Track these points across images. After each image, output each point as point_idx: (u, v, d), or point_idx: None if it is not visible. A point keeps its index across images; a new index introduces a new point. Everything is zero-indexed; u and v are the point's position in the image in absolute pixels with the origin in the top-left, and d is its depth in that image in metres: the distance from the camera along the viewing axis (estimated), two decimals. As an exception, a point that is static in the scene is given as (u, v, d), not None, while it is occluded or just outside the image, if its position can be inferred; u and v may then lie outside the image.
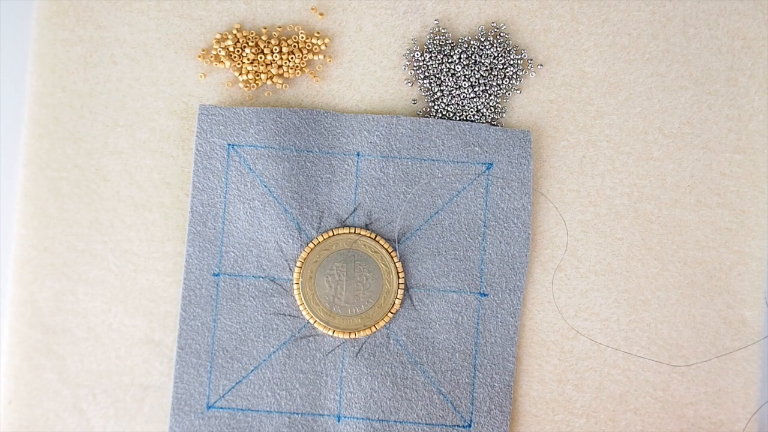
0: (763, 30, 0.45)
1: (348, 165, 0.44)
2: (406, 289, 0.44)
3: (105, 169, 0.45)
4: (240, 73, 0.44)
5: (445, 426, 0.43)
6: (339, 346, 0.43)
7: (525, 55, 0.45)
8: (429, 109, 0.45)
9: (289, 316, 0.44)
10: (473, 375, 0.43)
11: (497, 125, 0.45)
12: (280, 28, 0.45)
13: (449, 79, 0.44)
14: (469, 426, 0.43)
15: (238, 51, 0.44)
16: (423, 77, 0.45)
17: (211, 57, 0.45)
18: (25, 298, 0.44)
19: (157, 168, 0.45)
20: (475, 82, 0.44)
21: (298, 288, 0.43)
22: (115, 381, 0.44)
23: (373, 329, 0.43)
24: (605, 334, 0.44)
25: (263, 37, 0.45)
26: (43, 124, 0.45)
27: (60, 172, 0.44)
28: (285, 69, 0.44)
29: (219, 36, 0.45)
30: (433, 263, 0.44)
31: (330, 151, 0.44)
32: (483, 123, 0.45)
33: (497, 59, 0.45)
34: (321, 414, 0.43)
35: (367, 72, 0.45)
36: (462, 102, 0.45)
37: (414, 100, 0.45)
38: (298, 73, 0.45)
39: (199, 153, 0.44)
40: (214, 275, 0.44)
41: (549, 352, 0.44)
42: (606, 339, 0.44)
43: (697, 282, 0.45)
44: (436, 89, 0.45)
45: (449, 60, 0.44)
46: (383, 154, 0.44)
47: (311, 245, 0.43)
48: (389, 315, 0.43)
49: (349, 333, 0.43)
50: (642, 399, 0.44)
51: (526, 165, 0.44)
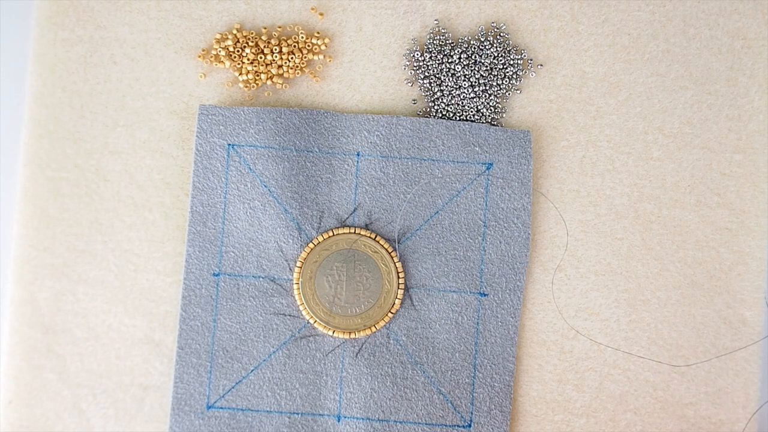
0: (763, 30, 0.45)
1: (348, 165, 0.44)
2: (406, 289, 0.44)
3: (105, 169, 0.45)
4: (240, 73, 0.44)
5: (445, 426, 0.43)
6: (339, 346, 0.43)
7: (525, 55, 0.45)
8: (429, 109, 0.45)
9: (289, 316, 0.43)
10: (473, 375, 0.43)
11: (497, 125, 0.45)
12: (280, 28, 0.45)
13: (449, 79, 0.44)
14: (469, 426, 0.43)
15: (238, 51, 0.44)
16: (423, 77, 0.45)
17: (211, 57, 0.45)
18: (25, 298, 0.44)
19: (157, 168, 0.45)
20: (475, 82, 0.44)
21: (298, 288, 0.43)
22: (115, 381, 0.44)
23: (373, 329, 0.43)
24: (605, 334, 0.44)
25: (263, 37, 0.45)
26: (43, 124, 0.45)
27: (60, 172, 0.44)
28: (285, 69, 0.44)
29: (219, 36, 0.45)
30: (433, 263, 0.44)
31: (330, 151, 0.44)
32: (483, 123, 0.44)
33: (497, 59, 0.45)
34: (321, 414, 0.43)
35: (367, 72, 0.45)
36: (462, 102, 0.45)
37: (414, 100, 0.45)
38: (298, 73, 0.45)
39: (199, 153, 0.44)
40: (214, 275, 0.44)
41: (549, 352, 0.44)
42: (606, 339, 0.44)
43: (697, 282, 0.45)
44: (436, 89, 0.45)
45: (449, 60, 0.44)
46: (383, 154, 0.44)
47: (311, 245, 0.43)
48: (389, 315, 0.43)
49: (349, 333, 0.43)
50: (642, 399, 0.44)
51: (526, 165, 0.44)
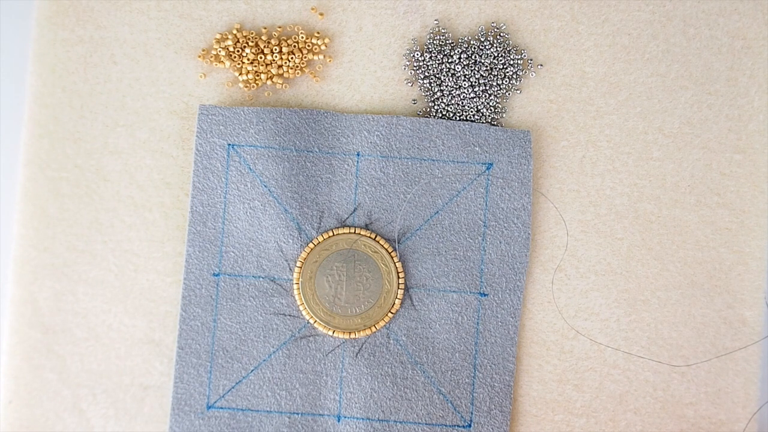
0: (763, 30, 0.45)
1: (348, 165, 0.44)
2: (406, 289, 0.44)
3: (105, 169, 0.45)
4: (240, 73, 0.44)
5: (445, 426, 0.43)
6: (339, 346, 0.43)
7: (525, 55, 0.45)
8: (429, 109, 0.45)
9: (289, 316, 0.43)
10: (473, 375, 0.43)
11: (497, 125, 0.45)
12: (280, 28, 0.45)
13: (449, 79, 0.44)
14: (469, 426, 0.43)
15: (238, 51, 0.44)
16: (423, 77, 0.45)
17: (211, 57, 0.45)
18: (25, 298, 0.44)
19: (157, 168, 0.45)
20: (475, 82, 0.44)
21: (298, 288, 0.43)
22: (115, 381, 0.44)
23: (373, 329, 0.43)
24: (605, 334, 0.44)
25: (263, 37, 0.45)
26: (43, 124, 0.45)
27: (60, 172, 0.44)
28: (285, 69, 0.44)
29: (219, 36, 0.45)
30: (433, 263, 0.44)
31: (330, 151, 0.44)
32: (483, 123, 0.44)
33: (497, 59, 0.45)
34: (321, 414, 0.43)
35: (367, 72, 0.45)
36: (462, 102, 0.45)
37: (414, 100, 0.45)
38: (298, 73, 0.45)
39: (199, 153, 0.44)
40: (214, 275, 0.44)
41: (549, 352, 0.44)
42: (606, 339, 0.44)
43: (697, 282, 0.45)
44: (436, 89, 0.45)
45: (449, 60, 0.44)
46: (383, 154, 0.44)
47: (311, 245, 0.43)
48: (389, 315, 0.43)
49: (349, 333, 0.43)
50: (642, 399, 0.44)
51: (526, 165, 0.44)
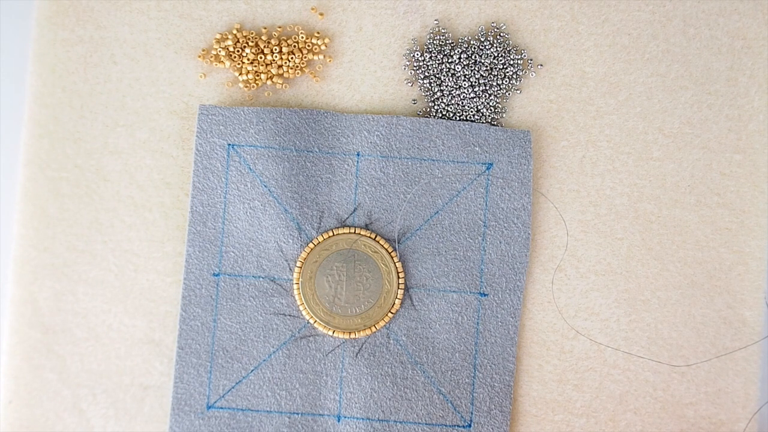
0: (763, 30, 0.45)
1: (348, 165, 0.44)
2: (406, 289, 0.44)
3: (105, 169, 0.45)
4: (240, 73, 0.44)
5: (445, 426, 0.43)
6: (339, 346, 0.43)
7: (525, 55, 0.45)
8: (429, 109, 0.45)
9: (289, 316, 0.43)
10: (473, 375, 0.43)
11: (497, 125, 0.45)
12: (280, 28, 0.45)
13: (449, 79, 0.44)
14: (469, 426, 0.43)
15: (238, 51, 0.44)
16: (423, 77, 0.45)
17: (211, 57, 0.45)
18: (25, 298, 0.44)
19: (157, 168, 0.45)
20: (475, 82, 0.44)
21: (298, 288, 0.43)
22: (115, 381, 0.44)
23: (373, 329, 0.43)
24: (605, 334, 0.44)
25: (263, 37, 0.45)
26: (43, 124, 0.45)
27: (60, 172, 0.44)
28: (285, 69, 0.44)
29: (219, 36, 0.45)
30: (433, 263, 0.44)
31: (330, 151, 0.44)
32: (483, 123, 0.44)
33: (497, 59, 0.45)
34: (321, 414, 0.43)
35: (367, 72, 0.45)
36: (462, 102, 0.45)
37: (414, 100, 0.45)
38: (298, 73, 0.45)
39: (199, 153, 0.44)
40: (214, 275, 0.44)
41: (549, 352, 0.44)
42: (606, 339, 0.44)
43: (697, 282, 0.45)
44: (436, 89, 0.45)
45: (449, 60, 0.44)
46: (383, 154, 0.44)
47: (311, 245, 0.43)
48: (389, 315, 0.43)
49: (349, 333, 0.43)
50: (642, 399, 0.44)
51: (526, 165, 0.44)
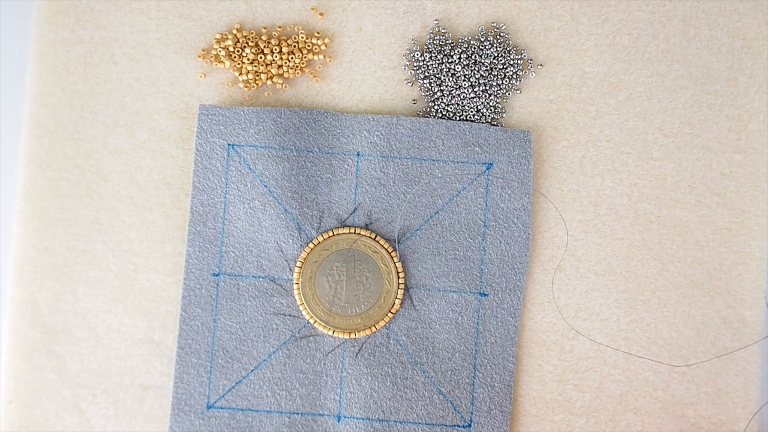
0: (763, 30, 0.45)
1: (348, 165, 0.44)
2: (406, 289, 0.44)
3: (105, 169, 0.45)
4: (240, 73, 0.44)
5: (445, 426, 0.43)
6: (339, 346, 0.43)
7: (525, 55, 0.45)
8: (429, 109, 0.45)
9: (289, 316, 0.43)
10: (473, 375, 0.43)
11: (497, 125, 0.45)
12: (280, 28, 0.45)
13: (449, 79, 0.44)
14: (469, 426, 0.43)
15: (238, 51, 0.44)
16: (423, 77, 0.45)
17: (211, 57, 0.45)
18: (25, 298, 0.44)
19: (157, 168, 0.45)
20: (475, 82, 0.44)
21: (298, 288, 0.43)
22: (115, 381, 0.44)
23: (373, 329, 0.43)
24: (605, 334, 0.44)
25: (263, 37, 0.45)
26: (43, 124, 0.45)
27: (60, 172, 0.44)
28: (285, 69, 0.44)
29: (219, 36, 0.45)
30: (433, 263, 0.44)
31: (330, 151, 0.44)
32: (483, 123, 0.44)
33: (497, 59, 0.45)
34: (321, 414, 0.43)
35: (367, 72, 0.45)
36: (462, 102, 0.45)
37: (414, 100, 0.45)
38: (298, 73, 0.45)
39: (199, 153, 0.44)
40: (214, 275, 0.44)
41: (549, 352, 0.44)
42: (606, 339, 0.44)
43: (697, 282, 0.45)
44: (436, 89, 0.45)
45: (449, 60, 0.44)
46: (383, 154, 0.44)
47: (311, 245, 0.43)
48: (389, 315, 0.43)
49: (349, 333, 0.43)
50: (642, 399, 0.44)
51: (526, 165, 0.44)
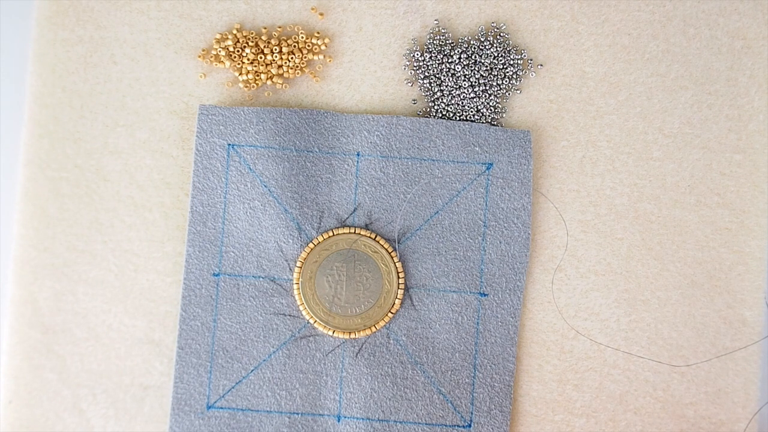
0: (763, 30, 0.45)
1: (348, 165, 0.44)
2: (406, 289, 0.44)
3: (105, 169, 0.45)
4: (240, 73, 0.44)
5: (445, 426, 0.43)
6: (339, 346, 0.43)
7: (525, 55, 0.45)
8: (429, 109, 0.45)
9: (289, 316, 0.43)
10: (473, 375, 0.43)
11: (497, 125, 0.45)
12: (280, 28, 0.45)
13: (449, 79, 0.44)
14: (469, 426, 0.43)
15: (238, 51, 0.44)
16: (423, 77, 0.45)
17: (211, 57, 0.45)
18: (25, 298, 0.44)
19: (157, 168, 0.45)
20: (475, 82, 0.44)
21: (298, 288, 0.43)
22: (115, 381, 0.44)
23: (373, 329, 0.43)
24: (605, 334, 0.44)
25: (263, 37, 0.45)
26: (43, 124, 0.45)
27: (60, 172, 0.44)
28: (285, 69, 0.44)
29: (219, 36, 0.45)
30: (433, 263, 0.44)
31: (330, 151, 0.44)
32: (483, 123, 0.44)
33: (497, 59, 0.45)
34: (321, 414, 0.43)
35: (367, 72, 0.45)
36: (462, 102, 0.45)
37: (414, 100, 0.45)
38: (298, 73, 0.45)
39: (199, 153, 0.44)
40: (214, 275, 0.44)
41: (549, 352, 0.44)
42: (606, 339, 0.44)
43: (697, 282, 0.45)
44: (436, 89, 0.45)
45: (449, 60, 0.44)
46: (383, 154, 0.44)
47: (311, 245, 0.43)
48: (389, 315, 0.43)
49: (349, 333, 0.43)
50: (642, 399, 0.44)
51: (526, 165, 0.44)
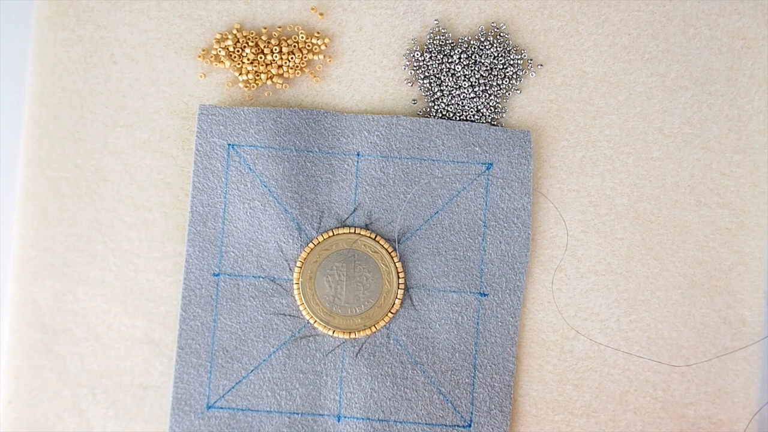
0: (763, 30, 0.45)
1: (348, 165, 0.44)
2: (406, 289, 0.44)
3: (105, 169, 0.45)
4: (240, 73, 0.44)
5: (445, 426, 0.43)
6: (339, 346, 0.43)
7: (525, 55, 0.45)
8: (429, 109, 0.45)
9: (289, 316, 0.43)
10: (473, 375, 0.43)
11: (497, 125, 0.45)
12: (280, 28, 0.45)
13: (449, 79, 0.44)
14: (469, 426, 0.43)
15: (238, 51, 0.44)
16: (423, 77, 0.45)
17: (211, 57, 0.45)
18: (25, 298, 0.44)
19: (157, 168, 0.45)
20: (475, 82, 0.44)
21: (298, 288, 0.43)
22: (115, 381, 0.44)
23: (373, 329, 0.43)
24: (605, 334, 0.44)
25: (263, 37, 0.45)
26: (43, 124, 0.45)
27: (60, 172, 0.44)
28: (285, 69, 0.44)
29: (219, 36, 0.45)
30: (433, 263, 0.44)
31: (330, 151, 0.44)
32: (483, 123, 0.44)
33: (497, 59, 0.45)
34: (321, 414, 0.43)
35: (367, 72, 0.45)
36: (462, 102, 0.45)
37: (414, 100, 0.45)
38: (298, 73, 0.45)
39: (199, 153, 0.44)
40: (214, 275, 0.44)
41: (549, 352, 0.44)
42: (606, 339, 0.44)
43: (697, 282, 0.45)
44: (436, 89, 0.45)
45: (449, 60, 0.44)
46: (383, 154, 0.44)
47: (311, 245, 0.43)
48: (389, 315, 0.43)
49: (349, 333, 0.43)
50: (642, 399, 0.44)
51: (526, 165, 0.44)
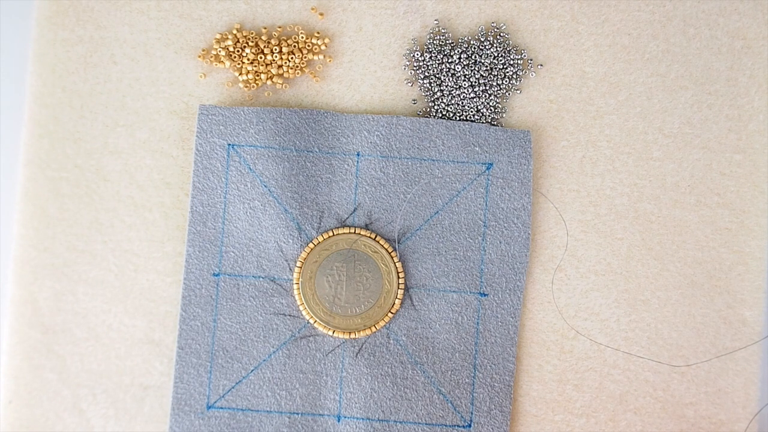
0: (763, 30, 0.45)
1: (348, 165, 0.44)
2: (406, 289, 0.44)
3: (105, 169, 0.45)
4: (240, 73, 0.44)
5: (445, 426, 0.43)
6: (339, 346, 0.43)
7: (525, 55, 0.45)
8: (429, 109, 0.45)
9: (289, 316, 0.43)
10: (473, 375, 0.43)
11: (497, 125, 0.45)
12: (280, 28, 0.45)
13: (449, 79, 0.44)
14: (469, 426, 0.43)
15: (238, 51, 0.44)
16: (423, 77, 0.45)
17: (211, 57, 0.45)
18: (25, 298, 0.44)
19: (157, 168, 0.45)
20: (475, 82, 0.44)
21: (298, 288, 0.43)
22: (115, 381, 0.44)
23: (373, 329, 0.43)
24: (605, 334, 0.44)
25: (263, 37, 0.45)
26: (43, 124, 0.45)
27: (60, 172, 0.44)
28: (285, 69, 0.44)
29: (219, 36, 0.45)
30: (433, 263, 0.44)
31: (330, 151, 0.44)
32: (483, 123, 0.44)
33: (497, 59, 0.45)
34: (321, 414, 0.43)
35: (367, 72, 0.45)
36: (462, 102, 0.45)
37: (414, 100, 0.45)
38: (298, 73, 0.45)
39: (199, 153, 0.44)
40: (214, 275, 0.44)
41: (549, 352, 0.44)
42: (606, 339, 0.44)
43: (697, 282, 0.45)
44: (436, 89, 0.45)
45: (449, 60, 0.44)
46: (383, 154, 0.44)
47: (311, 245, 0.43)
48: (389, 315, 0.43)
49: (349, 333, 0.43)
50: (642, 399, 0.44)
51: (526, 165, 0.44)
